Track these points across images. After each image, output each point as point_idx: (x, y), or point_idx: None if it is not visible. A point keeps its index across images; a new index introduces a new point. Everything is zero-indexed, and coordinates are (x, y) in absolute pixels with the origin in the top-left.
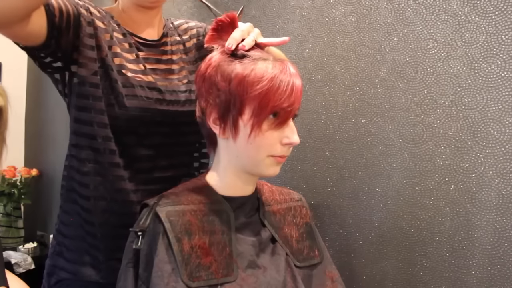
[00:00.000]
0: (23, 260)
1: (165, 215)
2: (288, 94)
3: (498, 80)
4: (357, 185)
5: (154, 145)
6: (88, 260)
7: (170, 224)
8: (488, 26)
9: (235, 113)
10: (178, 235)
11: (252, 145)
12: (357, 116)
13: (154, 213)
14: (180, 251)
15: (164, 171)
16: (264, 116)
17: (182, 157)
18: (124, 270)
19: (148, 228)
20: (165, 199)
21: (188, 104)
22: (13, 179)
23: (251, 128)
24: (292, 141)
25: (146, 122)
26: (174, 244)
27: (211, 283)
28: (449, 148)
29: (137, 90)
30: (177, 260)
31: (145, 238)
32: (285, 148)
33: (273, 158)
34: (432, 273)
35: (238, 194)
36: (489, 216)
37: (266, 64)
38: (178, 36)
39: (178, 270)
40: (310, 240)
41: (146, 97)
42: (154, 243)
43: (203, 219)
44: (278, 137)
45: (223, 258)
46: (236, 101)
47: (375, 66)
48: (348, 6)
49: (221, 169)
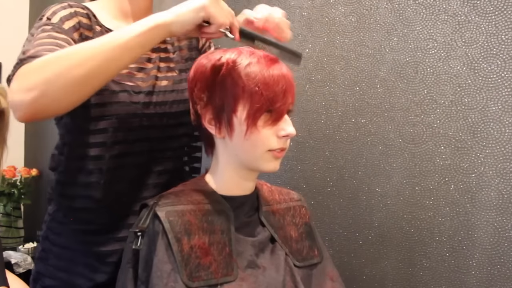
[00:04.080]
0: (23, 260)
1: (165, 215)
2: (280, 91)
3: (498, 80)
4: (357, 185)
5: (144, 151)
6: (80, 270)
7: (170, 224)
8: (488, 26)
9: (229, 111)
10: (177, 235)
11: (248, 141)
12: (357, 116)
13: (154, 213)
14: (179, 251)
15: (155, 177)
16: (259, 115)
17: (171, 162)
18: (123, 271)
19: (148, 228)
20: (165, 199)
21: (175, 105)
22: (13, 179)
23: (246, 126)
24: (288, 132)
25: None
26: (174, 244)
27: (210, 283)
28: (449, 148)
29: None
30: (176, 260)
31: (145, 238)
32: (282, 141)
33: (271, 153)
34: (432, 273)
35: (237, 193)
36: (489, 216)
37: (257, 62)
38: None
39: (178, 270)
40: (309, 240)
41: (131, 102)
42: (154, 243)
43: (202, 219)
44: (273, 131)
45: (223, 258)
46: (229, 99)
47: (375, 66)
48: (348, 6)
49: (220, 170)
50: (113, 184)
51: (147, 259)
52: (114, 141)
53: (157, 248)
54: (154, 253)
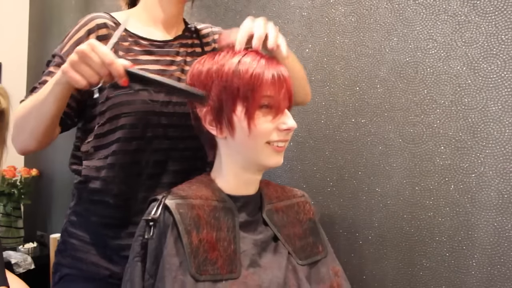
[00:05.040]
0: (23, 260)
1: (175, 207)
2: (271, 83)
3: (498, 80)
4: (357, 185)
5: (163, 150)
6: (96, 260)
7: (180, 216)
8: (488, 26)
9: (228, 111)
10: (187, 228)
11: (250, 136)
12: (357, 116)
13: (164, 205)
14: (189, 243)
15: (172, 176)
16: (254, 108)
17: (189, 162)
18: (131, 264)
19: (158, 219)
20: (174, 193)
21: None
22: (13, 179)
23: (245, 122)
24: (289, 125)
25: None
26: (184, 236)
27: (216, 278)
28: (449, 148)
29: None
30: (186, 252)
31: (155, 230)
32: (282, 134)
33: (271, 146)
34: (432, 273)
35: (241, 193)
36: (489, 216)
37: (248, 60)
38: (198, 39)
39: (187, 262)
40: (313, 236)
41: (151, 100)
42: (164, 235)
43: (210, 214)
44: (274, 125)
45: (228, 255)
46: (226, 100)
47: (375, 66)
48: (348, 6)
49: (223, 170)
50: (129, 179)
51: (157, 252)
52: (132, 137)
53: (167, 241)
54: (164, 246)
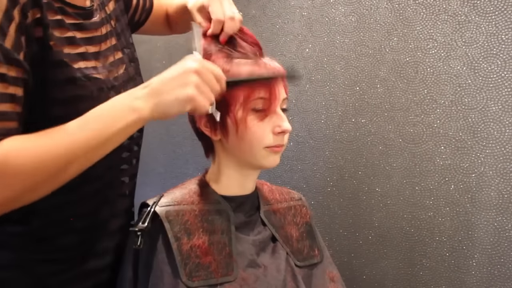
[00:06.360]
0: None
1: (165, 215)
2: (263, 84)
3: (498, 80)
4: (357, 185)
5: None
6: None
7: (169, 223)
8: (488, 26)
9: (221, 114)
10: (177, 235)
11: (244, 140)
12: (357, 116)
13: (154, 213)
14: (179, 251)
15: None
16: (247, 110)
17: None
18: (122, 271)
19: (147, 228)
20: (165, 199)
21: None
22: None
23: (238, 123)
24: (283, 128)
25: None
26: (173, 243)
27: (210, 282)
28: (449, 148)
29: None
30: (176, 260)
31: (145, 238)
32: (278, 138)
33: (268, 149)
34: (432, 273)
35: (237, 193)
36: (489, 216)
37: (241, 61)
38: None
39: (177, 270)
40: (310, 239)
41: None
42: (154, 243)
43: (202, 218)
44: (269, 127)
45: (223, 258)
46: (220, 102)
47: (375, 66)
48: (348, 6)
49: (219, 170)
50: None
51: (147, 259)
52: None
53: (157, 248)
54: (154, 254)
